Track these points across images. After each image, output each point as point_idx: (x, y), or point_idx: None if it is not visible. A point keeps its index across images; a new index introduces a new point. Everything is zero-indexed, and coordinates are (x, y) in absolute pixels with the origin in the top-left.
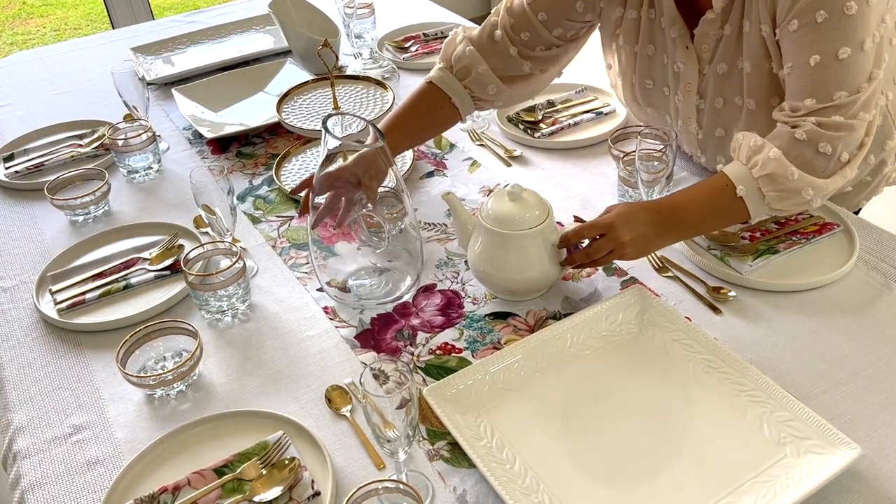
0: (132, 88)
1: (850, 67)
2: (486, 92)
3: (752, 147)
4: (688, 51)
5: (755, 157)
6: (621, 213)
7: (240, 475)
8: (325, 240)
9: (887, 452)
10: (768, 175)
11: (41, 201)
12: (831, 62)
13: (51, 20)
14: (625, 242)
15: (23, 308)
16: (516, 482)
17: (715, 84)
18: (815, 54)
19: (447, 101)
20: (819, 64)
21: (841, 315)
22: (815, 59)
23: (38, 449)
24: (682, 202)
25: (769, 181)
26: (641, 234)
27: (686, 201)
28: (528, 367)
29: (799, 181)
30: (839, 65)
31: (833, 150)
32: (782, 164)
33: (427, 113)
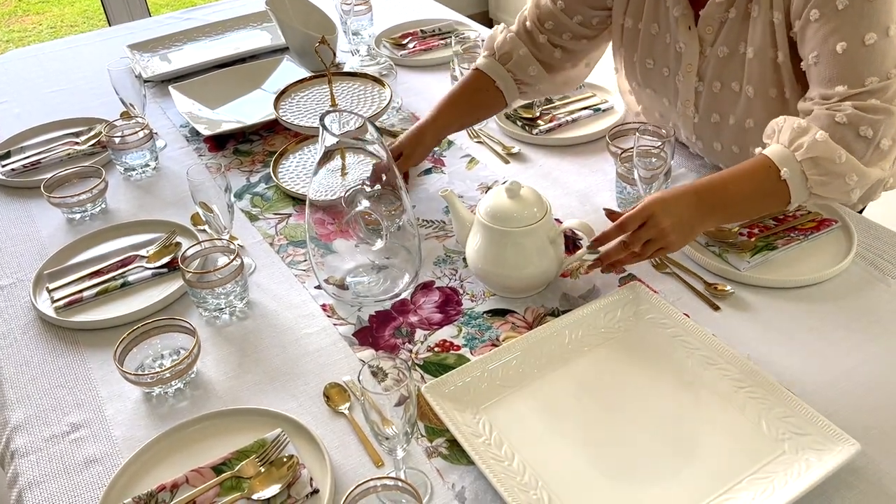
0: (129, 86)
1: (877, 53)
2: (527, 74)
3: (795, 129)
4: (690, 31)
5: (800, 140)
6: (659, 199)
7: (238, 473)
8: (323, 237)
9: (886, 448)
10: (813, 158)
11: (38, 199)
12: (859, 48)
13: (47, 17)
14: (665, 229)
15: (20, 306)
16: (515, 479)
17: (715, 67)
18: (841, 41)
19: (492, 84)
20: (847, 50)
21: (839, 311)
22: (841, 45)
23: (35, 447)
24: (724, 183)
25: (813, 164)
26: (683, 218)
27: (728, 182)
28: (526, 364)
29: (845, 165)
30: (867, 50)
31: (874, 133)
32: (830, 147)
33: (473, 96)
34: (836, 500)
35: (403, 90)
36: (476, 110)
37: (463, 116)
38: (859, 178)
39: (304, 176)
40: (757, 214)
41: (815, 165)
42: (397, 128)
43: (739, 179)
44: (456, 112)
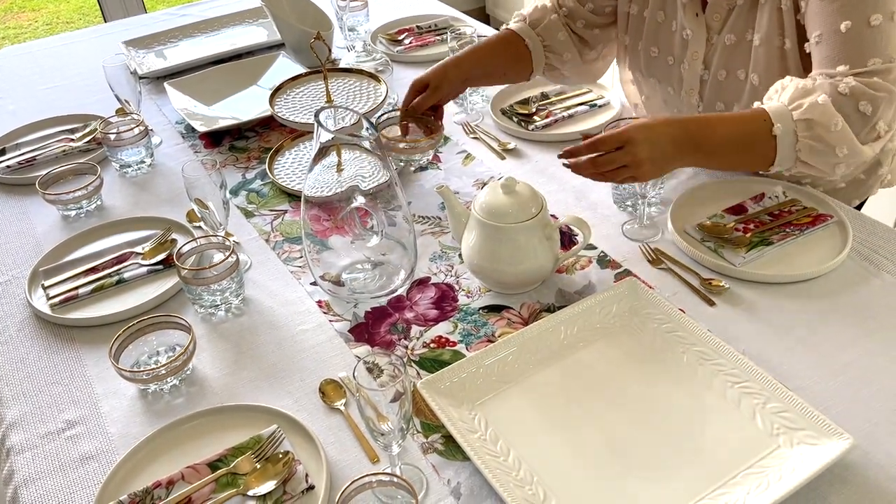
0: (124, 82)
1: (882, 34)
2: (555, 38)
3: (799, 89)
4: (697, 18)
5: (801, 100)
6: (643, 126)
7: (234, 469)
8: (319, 234)
9: (880, 443)
10: (809, 120)
11: (33, 196)
12: (863, 28)
13: (42, 14)
14: (641, 159)
15: (15, 303)
16: (510, 475)
17: (721, 55)
18: (846, 20)
19: (522, 42)
20: (851, 30)
21: (834, 306)
22: (846, 24)
23: (31, 444)
24: (714, 123)
25: (808, 126)
26: (662, 151)
27: (717, 123)
28: (522, 359)
29: (839, 134)
30: (872, 31)
31: (873, 111)
32: (828, 112)
33: (500, 47)
34: (831, 494)
35: (399, 86)
36: (502, 63)
37: (488, 64)
38: (849, 151)
39: (299, 172)
40: (738, 166)
41: (809, 128)
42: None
43: (730, 123)
44: (481, 57)
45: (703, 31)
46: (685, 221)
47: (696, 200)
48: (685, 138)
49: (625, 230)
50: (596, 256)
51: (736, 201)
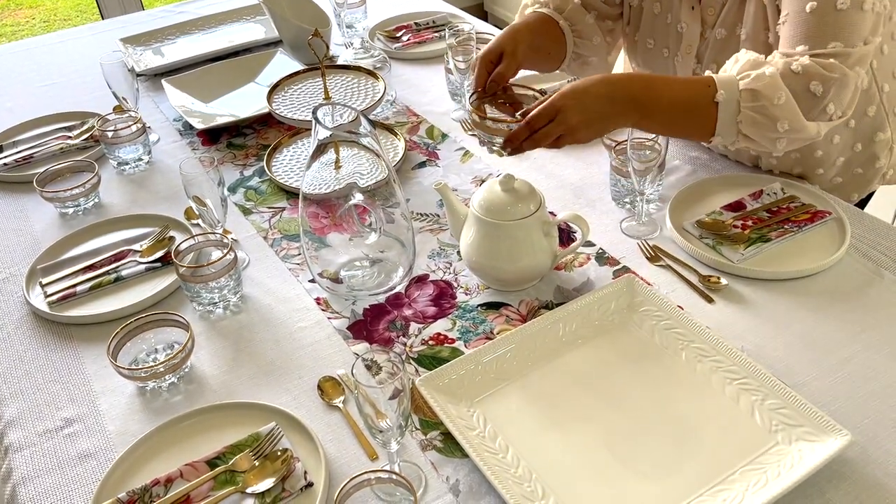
0: (121, 79)
1: (847, 20)
2: (584, 22)
3: (750, 62)
4: (693, 11)
5: (749, 71)
6: (570, 92)
7: (232, 467)
8: (317, 231)
9: (878, 439)
10: (754, 90)
11: (30, 194)
12: (829, 10)
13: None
14: (575, 125)
15: (13, 301)
16: (509, 471)
17: (713, 49)
18: (812, 1)
19: (556, 25)
20: (815, 10)
21: (832, 303)
22: (812, 5)
23: (29, 442)
24: (658, 84)
25: (752, 97)
26: (596, 113)
27: (662, 85)
28: (520, 356)
29: (782, 108)
30: (837, 14)
31: (824, 92)
32: (774, 84)
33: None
34: (829, 490)
35: (397, 83)
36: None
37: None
38: (790, 127)
39: (297, 169)
40: (678, 132)
41: (753, 98)
42: (391, 121)
43: (675, 86)
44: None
45: (698, 25)
46: (684, 218)
47: (694, 197)
48: (624, 96)
49: (623, 227)
50: (594, 253)
51: (734, 198)
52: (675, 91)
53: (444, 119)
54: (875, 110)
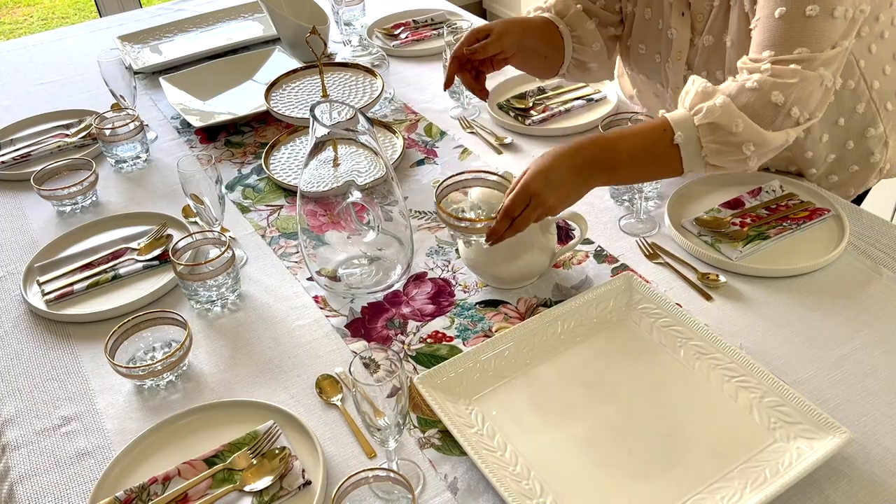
0: (119, 77)
1: (815, 26)
2: (585, 28)
3: (699, 93)
4: (683, 18)
5: (701, 104)
6: (540, 173)
7: (230, 465)
8: (315, 229)
9: (877, 436)
10: (711, 124)
11: (28, 192)
12: (798, 16)
13: (38, 9)
14: (552, 205)
15: (10, 299)
16: (507, 469)
17: (701, 56)
18: (782, 6)
19: (556, 30)
20: (784, 15)
21: (831, 300)
22: (780, 10)
23: (26, 441)
24: (617, 141)
25: (710, 131)
26: (566, 187)
27: (621, 141)
28: (518, 354)
29: (742, 134)
30: (805, 21)
31: (785, 100)
32: (728, 113)
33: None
34: (828, 488)
35: (395, 80)
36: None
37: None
38: (757, 146)
39: (295, 167)
40: (649, 178)
41: (712, 132)
42: (390, 119)
43: (633, 138)
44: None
45: (688, 32)
46: (682, 216)
47: (693, 195)
48: (588, 164)
49: (622, 225)
50: (593, 251)
51: (733, 195)
52: (633, 144)
53: (442, 117)
54: (864, 107)
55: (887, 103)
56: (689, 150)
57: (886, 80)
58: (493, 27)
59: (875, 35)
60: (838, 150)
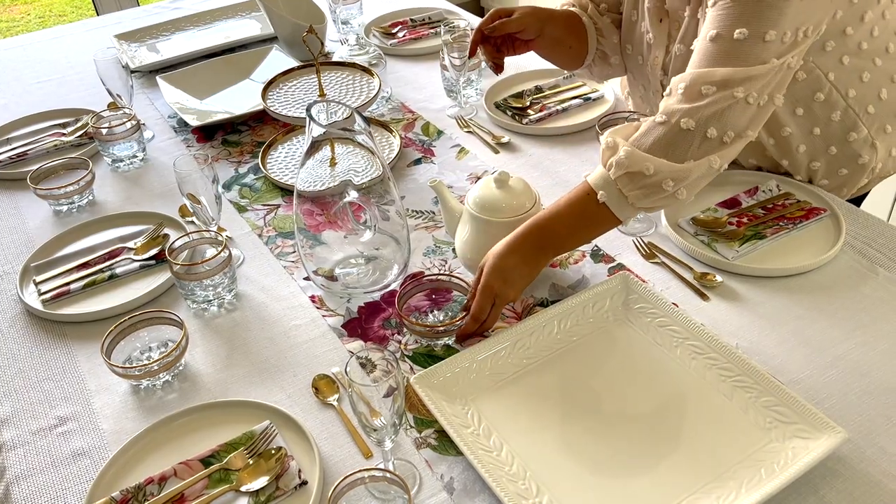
0: (116, 76)
1: (742, 49)
2: (603, 20)
3: (608, 147)
4: (661, 24)
5: (611, 159)
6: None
7: (226, 465)
8: (312, 228)
9: (872, 436)
10: (626, 174)
11: (24, 191)
12: (727, 38)
13: (35, 7)
14: (513, 297)
15: (6, 299)
16: (503, 469)
17: (675, 64)
18: (714, 29)
19: (581, 22)
20: (715, 38)
21: (827, 300)
22: (712, 33)
23: (23, 440)
24: (551, 221)
25: (629, 180)
26: (522, 278)
27: (554, 219)
28: (515, 354)
29: (658, 174)
30: (733, 43)
31: (696, 123)
32: (635, 160)
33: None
34: (823, 487)
35: (393, 79)
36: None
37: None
38: (676, 181)
39: (292, 166)
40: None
41: (630, 181)
42: (387, 118)
43: (564, 213)
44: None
45: (664, 39)
46: (679, 215)
47: None
48: (534, 250)
49: None
50: (589, 251)
51: (730, 195)
52: (566, 217)
53: (439, 116)
54: (840, 115)
55: (868, 107)
56: (615, 203)
57: (864, 86)
58: (517, 9)
59: (849, 48)
60: (821, 156)
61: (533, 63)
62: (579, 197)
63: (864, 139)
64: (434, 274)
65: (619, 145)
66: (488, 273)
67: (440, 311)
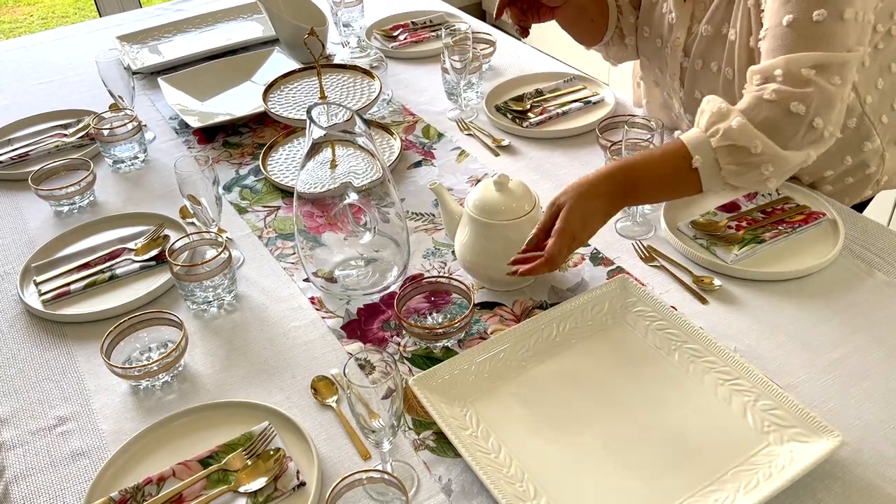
0: (117, 78)
1: (824, 31)
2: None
3: (714, 113)
4: (685, 5)
5: (717, 125)
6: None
7: (225, 466)
8: (312, 230)
9: (870, 440)
10: (728, 147)
11: (26, 191)
12: (806, 22)
13: (38, 8)
14: (585, 241)
15: (7, 299)
16: (501, 471)
17: (699, 45)
18: (789, 13)
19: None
20: (792, 23)
21: (825, 304)
22: (788, 18)
23: (22, 440)
24: (640, 173)
25: (728, 153)
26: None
27: (643, 171)
28: (514, 356)
29: (762, 155)
30: (813, 26)
31: (806, 109)
32: (746, 134)
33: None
34: (821, 491)
35: (394, 82)
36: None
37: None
38: (776, 167)
39: (293, 168)
40: (669, 199)
41: (729, 154)
42: (388, 120)
43: (653, 164)
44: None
45: (687, 19)
46: (678, 219)
47: (689, 198)
48: (616, 198)
49: (618, 227)
50: (589, 254)
51: (729, 198)
52: (655, 171)
53: (440, 118)
54: (857, 122)
55: (882, 116)
56: (709, 172)
57: (879, 93)
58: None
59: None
60: (837, 165)
61: (534, 66)
62: (673, 155)
63: (875, 149)
64: (433, 276)
65: (732, 115)
66: (570, 215)
67: (439, 314)
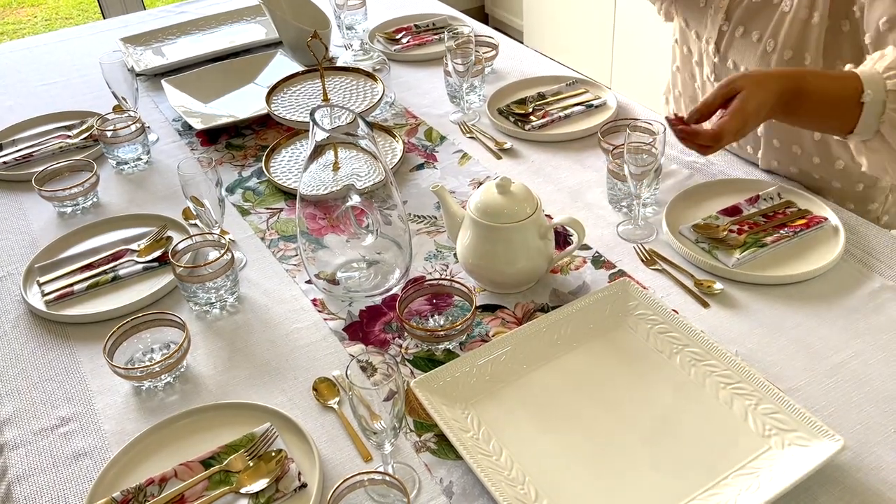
0: (121, 79)
1: None
2: None
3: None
4: None
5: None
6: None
7: (227, 467)
8: (315, 232)
9: (870, 444)
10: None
11: (29, 192)
12: None
13: (42, 9)
14: (745, 133)
15: (10, 299)
16: (502, 474)
17: (744, 11)
18: None
19: None
20: None
21: (827, 308)
22: None
23: (24, 441)
24: (809, 82)
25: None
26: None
27: (812, 82)
28: (515, 359)
29: None
30: None
31: None
32: None
33: None
34: (821, 495)
35: (396, 85)
36: None
37: None
38: None
39: (296, 170)
40: (819, 126)
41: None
42: (390, 123)
43: (823, 81)
44: None
45: None
46: (680, 222)
47: (690, 201)
48: (786, 90)
49: (619, 231)
50: (590, 257)
51: (731, 202)
52: (822, 87)
53: (442, 121)
54: None
55: None
56: (871, 111)
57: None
58: None
59: None
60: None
61: (536, 69)
62: (844, 82)
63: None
64: (435, 278)
65: None
66: (749, 97)
67: (441, 316)
